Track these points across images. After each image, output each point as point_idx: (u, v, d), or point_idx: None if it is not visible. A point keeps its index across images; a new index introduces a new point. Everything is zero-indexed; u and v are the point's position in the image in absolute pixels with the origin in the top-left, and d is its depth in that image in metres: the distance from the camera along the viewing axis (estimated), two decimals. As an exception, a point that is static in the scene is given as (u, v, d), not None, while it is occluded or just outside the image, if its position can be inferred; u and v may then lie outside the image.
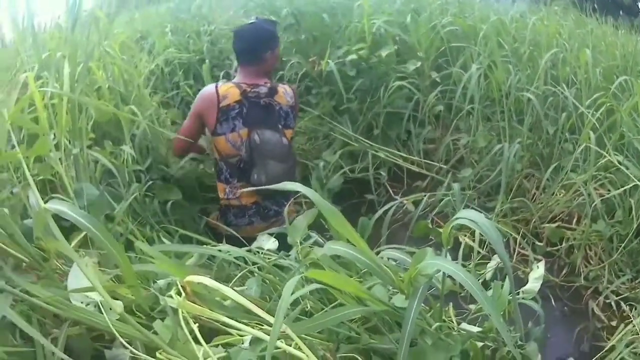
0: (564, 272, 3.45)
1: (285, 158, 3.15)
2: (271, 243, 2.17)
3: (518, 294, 2.10)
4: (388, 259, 1.93)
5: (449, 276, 1.65)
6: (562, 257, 3.51)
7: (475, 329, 1.86)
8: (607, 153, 3.38)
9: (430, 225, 3.37)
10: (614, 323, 3.10)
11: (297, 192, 2.87)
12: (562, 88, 3.91)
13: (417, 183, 4.30)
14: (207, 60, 4.98)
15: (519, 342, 1.90)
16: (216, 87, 3.16)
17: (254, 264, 1.88)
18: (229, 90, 3.13)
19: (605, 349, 2.89)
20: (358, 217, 3.10)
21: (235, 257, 1.92)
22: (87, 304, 1.41)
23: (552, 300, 3.26)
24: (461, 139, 4.27)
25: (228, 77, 4.29)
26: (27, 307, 1.44)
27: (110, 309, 1.35)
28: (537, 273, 2.14)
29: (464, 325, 1.93)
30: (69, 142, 2.34)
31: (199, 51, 5.39)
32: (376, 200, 4.18)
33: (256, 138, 3.06)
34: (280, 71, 4.84)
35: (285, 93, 3.26)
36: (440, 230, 3.35)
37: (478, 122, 4.14)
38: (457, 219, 1.57)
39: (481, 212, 2.11)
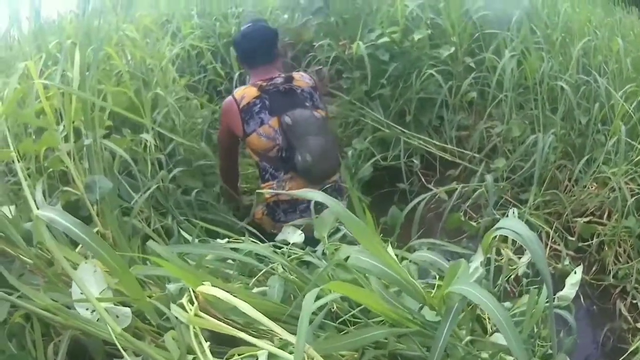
0: (593, 269, 3.36)
1: (324, 130, 3.00)
2: (297, 236, 2.06)
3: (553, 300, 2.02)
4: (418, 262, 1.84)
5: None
6: (592, 254, 3.40)
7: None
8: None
9: (462, 218, 3.30)
10: (639, 325, 3.02)
11: (344, 190, 3.03)
12: (595, 77, 3.80)
13: (450, 172, 4.19)
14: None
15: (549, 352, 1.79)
16: (232, 94, 3.11)
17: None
18: (244, 91, 3.06)
19: (628, 351, 2.80)
20: (389, 207, 3.10)
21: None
22: (93, 311, 1.32)
23: (582, 299, 3.17)
24: (495, 127, 4.15)
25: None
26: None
27: (118, 317, 1.29)
28: (574, 278, 1.98)
29: (495, 336, 1.78)
30: (84, 133, 2.22)
31: (227, 34, 5.25)
32: (408, 189, 4.08)
33: (287, 120, 2.92)
34: (311, 53, 4.75)
35: (302, 77, 3.17)
36: (473, 223, 3.38)
37: (511, 110, 4.01)
38: (498, 228, 1.47)
39: (519, 218, 2.08)
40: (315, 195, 1.44)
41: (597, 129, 3.70)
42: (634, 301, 3.10)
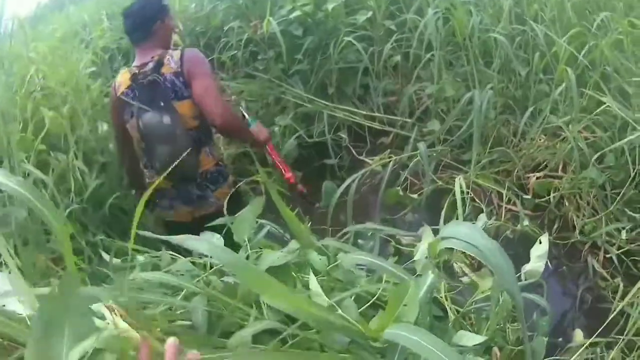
0: (555, 226, 2.86)
1: (170, 138, 2.66)
2: (216, 240, 1.65)
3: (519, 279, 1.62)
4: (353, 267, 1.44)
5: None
6: (552, 210, 2.89)
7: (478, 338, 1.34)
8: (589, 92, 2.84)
9: (401, 192, 2.95)
10: (617, 280, 2.54)
11: (226, 176, 2.80)
12: (531, 26, 3.28)
13: (381, 140, 3.67)
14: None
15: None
16: (115, 79, 2.86)
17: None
18: (122, 77, 2.77)
19: (615, 311, 2.31)
20: (321, 183, 3.00)
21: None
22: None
23: (548, 261, 2.60)
24: (425, 88, 3.60)
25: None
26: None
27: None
28: (540, 249, 1.68)
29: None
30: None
31: None
32: (337, 164, 3.60)
33: (140, 124, 2.67)
34: (223, 39, 4.29)
35: (169, 60, 2.72)
36: (414, 196, 2.81)
37: (441, 69, 3.46)
38: (444, 238, 1.20)
39: (473, 223, 1.74)
40: (196, 245, 1.24)
41: (540, 79, 3.22)
42: (607, 255, 2.64)
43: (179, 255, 1.60)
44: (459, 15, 3.36)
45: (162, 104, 2.65)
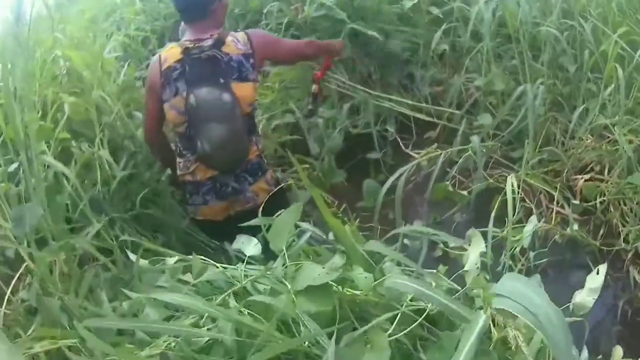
0: (601, 233, 2.79)
1: (229, 118, 2.55)
2: (253, 247, 1.70)
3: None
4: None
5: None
6: (598, 216, 2.83)
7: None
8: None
9: (450, 188, 2.90)
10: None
11: (265, 170, 2.71)
12: (579, 21, 3.18)
13: (428, 134, 3.60)
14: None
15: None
16: (159, 53, 2.70)
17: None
18: (170, 51, 2.64)
19: None
20: (363, 179, 3.04)
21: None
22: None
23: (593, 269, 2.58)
24: (474, 80, 3.52)
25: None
26: None
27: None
28: (594, 282, 1.61)
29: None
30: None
31: (172, 15, 4.65)
32: (381, 159, 3.53)
33: (192, 100, 2.52)
34: (263, 22, 4.16)
35: (235, 42, 2.64)
36: (464, 192, 2.77)
37: (490, 61, 3.38)
38: (497, 295, 1.13)
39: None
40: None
41: (588, 78, 3.13)
42: None
43: (210, 261, 1.59)
44: (511, 6, 3.27)
45: (221, 80, 2.55)
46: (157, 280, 1.66)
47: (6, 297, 1.62)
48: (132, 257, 1.86)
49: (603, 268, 1.60)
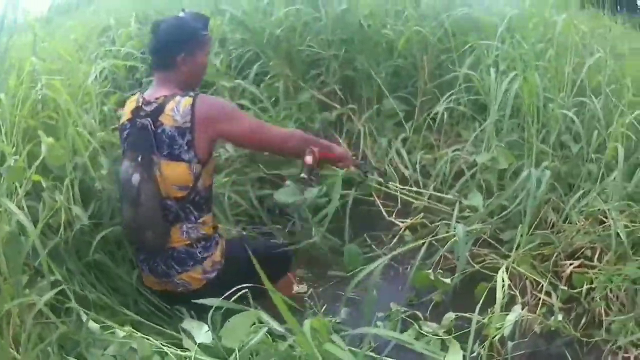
0: (582, 322, 2.57)
1: (135, 202, 2.27)
2: (203, 335, 1.75)
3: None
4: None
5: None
6: (581, 303, 2.62)
7: None
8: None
9: (431, 276, 2.70)
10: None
11: (200, 259, 2.38)
12: (590, 99, 3.03)
13: (415, 204, 3.31)
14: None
15: None
16: (128, 100, 2.54)
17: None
18: (129, 105, 2.45)
19: None
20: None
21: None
22: None
23: None
24: (469, 152, 3.30)
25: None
26: None
27: None
28: None
29: None
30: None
31: None
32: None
33: (122, 170, 2.35)
34: None
35: (175, 110, 2.27)
36: (446, 281, 2.64)
37: (491, 136, 3.16)
38: None
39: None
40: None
41: (591, 158, 2.95)
42: (626, 355, 2.35)
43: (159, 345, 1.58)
44: (532, 81, 3.06)
45: (139, 158, 2.27)
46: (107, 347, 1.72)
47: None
48: (84, 317, 1.83)
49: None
